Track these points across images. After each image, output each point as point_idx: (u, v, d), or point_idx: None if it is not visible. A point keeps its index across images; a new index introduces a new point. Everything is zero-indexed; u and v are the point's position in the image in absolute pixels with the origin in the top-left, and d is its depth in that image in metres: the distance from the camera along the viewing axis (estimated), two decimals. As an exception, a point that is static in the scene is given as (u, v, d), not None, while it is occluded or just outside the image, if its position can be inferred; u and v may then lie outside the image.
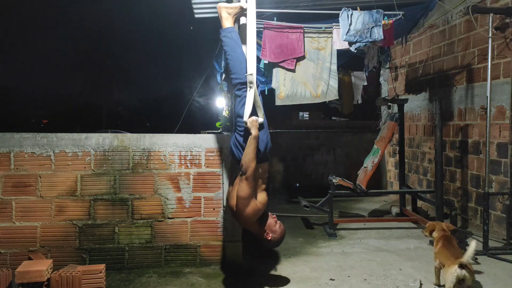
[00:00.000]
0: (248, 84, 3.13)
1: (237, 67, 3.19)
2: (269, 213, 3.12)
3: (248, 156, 2.88)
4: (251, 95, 3.10)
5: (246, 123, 3.03)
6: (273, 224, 3.05)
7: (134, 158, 3.59)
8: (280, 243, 3.15)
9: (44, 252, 3.44)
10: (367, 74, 6.91)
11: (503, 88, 4.53)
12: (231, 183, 3.17)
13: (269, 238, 3.02)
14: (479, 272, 3.49)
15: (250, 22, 3.30)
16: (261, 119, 3.13)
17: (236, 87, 3.21)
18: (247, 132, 3.01)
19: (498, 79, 4.59)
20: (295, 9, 5.07)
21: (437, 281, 3.21)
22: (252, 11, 3.30)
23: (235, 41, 3.26)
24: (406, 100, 5.49)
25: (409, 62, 6.69)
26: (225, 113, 6.92)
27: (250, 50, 3.24)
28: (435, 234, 3.29)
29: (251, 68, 3.18)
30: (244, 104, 3.08)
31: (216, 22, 5.75)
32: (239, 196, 2.88)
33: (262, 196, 3.02)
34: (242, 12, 3.37)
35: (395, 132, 5.64)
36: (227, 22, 3.30)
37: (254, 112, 3.11)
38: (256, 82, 3.17)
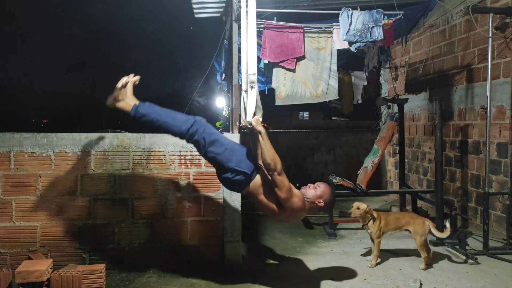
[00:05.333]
0: (249, 84, 3.13)
1: (174, 121, 2.80)
2: (302, 187, 3.00)
3: (269, 153, 2.76)
4: (253, 95, 3.09)
5: (250, 123, 2.99)
6: (314, 191, 2.94)
7: (134, 158, 3.59)
8: (334, 198, 3.06)
9: (44, 252, 3.44)
10: (367, 74, 6.93)
11: (503, 88, 4.53)
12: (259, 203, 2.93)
13: (322, 204, 2.92)
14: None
15: (251, 21, 3.30)
16: (260, 119, 3.12)
17: (191, 136, 2.81)
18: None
19: (498, 79, 4.59)
20: (295, 9, 5.07)
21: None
22: (252, 10, 3.30)
23: (150, 108, 2.83)
24: (406, 100, 5.49)
25: (409, 62, 6.69)
26: (225, 113, 6.92)
27: (250, 50, 3.24)
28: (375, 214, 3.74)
29: (252, 68, 3.17)
30: (219, 144, 2.83)
31: (216, 22, 5.77)
32: (285, 194, 2.74)
33: (283, 181, 2.81)
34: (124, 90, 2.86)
35: (395, 132, 5.64)
36: (129, 100, 2.83)
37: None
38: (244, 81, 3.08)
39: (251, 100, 3.08)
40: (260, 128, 2.88)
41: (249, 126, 2.94)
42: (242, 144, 3.25)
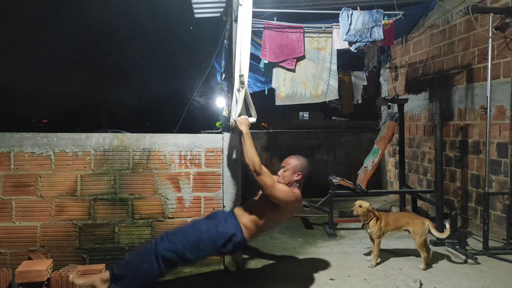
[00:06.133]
0: (239, 85, 3.14)
1: (143, 269, 2.63)
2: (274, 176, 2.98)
3: (248, 154, 2.79)
4: (241, 95, 3.10)
5: (234, 122, 3.01)
6: (284, 174, 2.91)
7: (134, 158, 3.59)
8: (306, 161, 3.02)
9: (44, 252, 3.43)
10: (367, 74, 6.92)
11: (503, 88, 4.53)
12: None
13: (301, 176, 2.91)
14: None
15: (245, 20, 3.30)
16: (253, 119, 3.12)
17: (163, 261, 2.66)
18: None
19: (498, 79, 4.59)
20: (295, 9, 5.07)
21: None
22: (247, 10, 3.30)
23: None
24: (406, 100, 5.49)
25: (409, 62, 6.69)
26: (225, 113, 6.91)
27: (244, 50, 3.25)
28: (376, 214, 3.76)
29: (243, 69, 3.19)
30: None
31: (216, 22, 5.76)
32: (269, 192, 2.73)
33: (263, 179, 2.77)
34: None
35: (395, 132, 5.64)
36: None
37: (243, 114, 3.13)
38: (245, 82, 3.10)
39: (239, 100, 3.10)
40: (243, 128, 2.90)
41: (234, 125, 2.98)
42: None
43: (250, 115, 3.19)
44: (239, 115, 3.09)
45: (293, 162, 2.97)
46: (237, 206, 3.04)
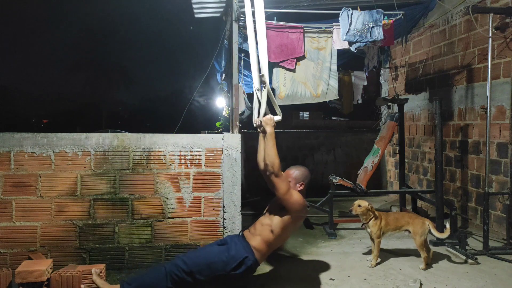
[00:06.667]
0: (262, 85, 3.15)
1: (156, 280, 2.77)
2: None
3: (269, 155, 2.78)
4: (265, 95, 3.11)
5: (259, 121, 3.00)
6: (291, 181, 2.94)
7: (134, 158, 3.59)
8: (306, 171, 3.05)
9: (44, 252, 3.44)
10: (367, 74, 6.92)
11: (503, 88, 4.53)
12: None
13: (303, 187, 2.95)
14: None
15: (259, 23, 3.32)
16: (278, 117, 3.10)
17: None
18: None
19: (498, 79, 4.59)
20: (295, 9, 5.07)
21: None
22: (260, 11, 3.31)
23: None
24: (406, 100, 5.49)
25: (409, 62, 6.69)
26: (225, 113, 6.91)
27: (261, 51, 3.27)
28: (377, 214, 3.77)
29: (263, 69, 3.21)
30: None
31: (216, 22, 5.76)
32: (284, 195, 2.75)
33: (279, 183, 2.79)
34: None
35: (395, 132, 5.64)
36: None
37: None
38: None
39: (263, 100, 3.10)
40: (268, 128, 2.90)
41: (258, 124, 2.97)
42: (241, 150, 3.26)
43: (275, 114, 3.16)
44: (264, 115, 3.08)
45: (295, 173, 2.99)
46: (246, 230, 3.05)
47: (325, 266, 3.68)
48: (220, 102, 8.06)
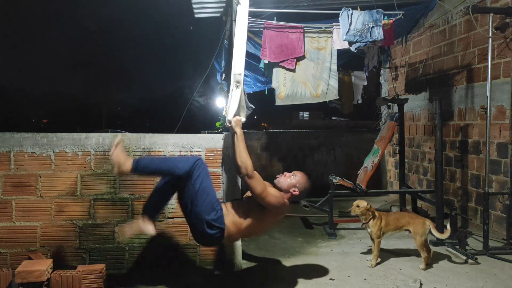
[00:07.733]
0: (235, 84, 3.14)
1: (175, 162, 2.80)
2: (277, 175, 2.99)
3: (240, 156, 2.75)
4: (237, 94, 3.09)
5: (230, 122, 3.01)
6: (289, 180, 2.91)
7: (134, 158, 3.58)
8: (308, 184, 2.99)
9: (44, 252, 3.43)
10: (367, 74, 6.92)
11: (503, 88, 4.53)
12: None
13: (297, 193, 2.90)
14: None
15: (241, 19, 3.30)
16: (243, 119, 3.11)
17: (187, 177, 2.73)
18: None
19: (498, 79, 4.59)
20: (295, 9, 5.07)
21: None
22: (244, 7, 3.30)
23: (148, 159, 3.01)
24: (406, 100, 5.49)
25: (409, 62, 6.69)
26: (225, 113, 6.92)
27: (239, 49, 3.25)
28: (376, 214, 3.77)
29: (239, 68, 3.18)
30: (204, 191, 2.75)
31: (216, 22, 5.76)
32: (259, 196, 2.71)
33: (254, 184, 2.75)
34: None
35: (395, 132, 5.64)
36: (126, 160, 2.74)
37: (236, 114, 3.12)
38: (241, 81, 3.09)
39: (234, 99, 3.09)
40: (237, 129, 2.89)
41: (228, 125, 2.97)
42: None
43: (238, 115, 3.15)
44: (234, 115, 3.08)
45: (301, 178, 2.96)
46: (228, 201, 2.99)
47: (325, 266, 3.68)
48: (220, 102, 8.06)
